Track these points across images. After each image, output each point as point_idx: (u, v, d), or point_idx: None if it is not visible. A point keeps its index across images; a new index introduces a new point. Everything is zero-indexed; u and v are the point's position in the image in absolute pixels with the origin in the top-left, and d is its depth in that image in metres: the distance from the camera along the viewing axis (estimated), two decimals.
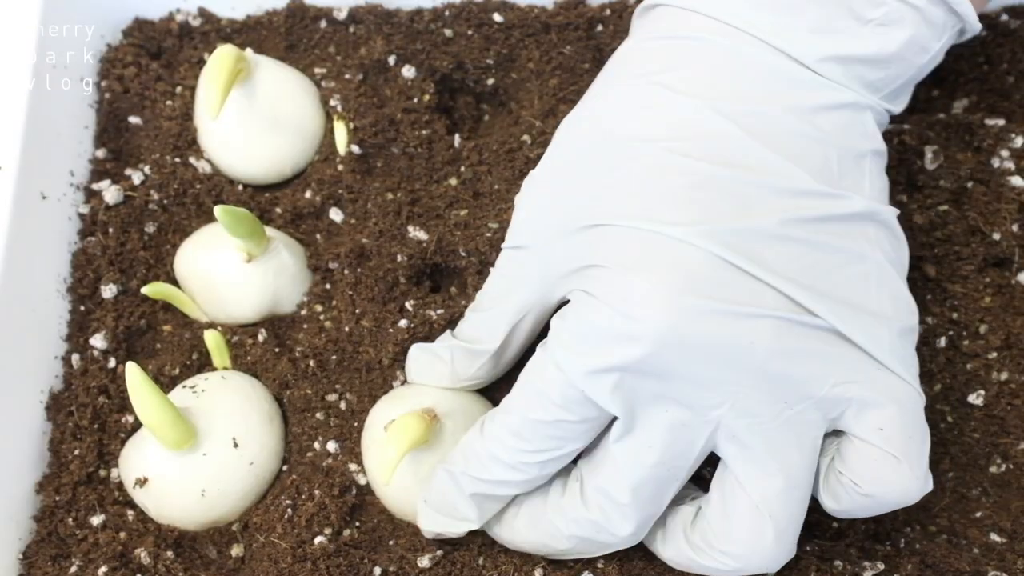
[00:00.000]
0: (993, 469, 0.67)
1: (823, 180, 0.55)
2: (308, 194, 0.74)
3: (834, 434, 0.56)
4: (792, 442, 0.54)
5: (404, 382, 0.66)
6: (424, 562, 0.60)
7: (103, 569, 0.61)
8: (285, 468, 0.65)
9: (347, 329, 0.68)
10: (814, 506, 0.63)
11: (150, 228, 0.73)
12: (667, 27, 0.60)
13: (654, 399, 0.53)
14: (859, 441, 0.54)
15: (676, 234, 0.52)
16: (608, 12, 0.78)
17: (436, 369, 0.64)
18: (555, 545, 0.57)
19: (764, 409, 0.53)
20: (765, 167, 0.55)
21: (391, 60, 0.77)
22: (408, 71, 0.76)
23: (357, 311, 0.68)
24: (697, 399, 0.53)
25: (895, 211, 0.58)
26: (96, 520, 0.64)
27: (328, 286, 0.70)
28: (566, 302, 0.57)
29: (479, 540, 0.62)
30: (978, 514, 0.65)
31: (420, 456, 0.61)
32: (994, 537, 0.63)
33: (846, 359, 0.53)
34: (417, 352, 0.65)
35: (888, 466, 0.53)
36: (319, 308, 0.70)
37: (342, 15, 0.79)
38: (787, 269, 0.53)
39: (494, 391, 0.66)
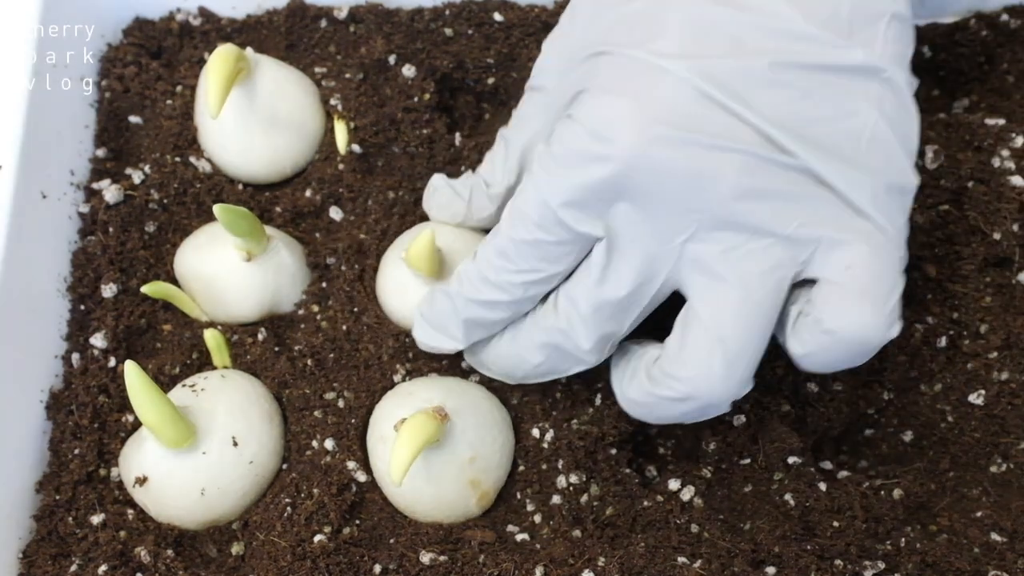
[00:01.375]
0: (993, 469, 0.67)
1: (829, 30, 0.55)
2: (308, 193, 0.74)
3: (806, 284, 0.56)
4: (753, 272, 0.54)
5: (404, 376, 0.66)
6: (425, 559, 0.60)
7: (103, 568, 0.61)
8: (285, 467, 0.65)
9: (344, 327, 0.68)
10: (812, 504, 0.63)
11: (150, 227, 0.73)
12: None
13: (623, 225, 0.55)
14: (825, 281, 0.54)
15: (663, 64, 0.53)
16: None
17: (453, 206, 0.68)
18: (528, 358, 0.61)
19: (728, 240, 0.54)
20: (763, 8, 0.55)
21: (391, 59, 0.77)
22: (408, 70, 0.76)
23: (356, 309, 0.68)
24: (665, 226, 0.54)
25: (911, 80, 0.57)
26: (96, 519, 0.63)
27: (324, 284, 0.70)
28: None
29: (479, 538, 0.62)
30: (978, 514, 0.65)
31: (430, 455, 0.61)
32: (994, 537, 0.63)
33: (820, 202, 0.54)
34: (440, 183, 0.69)
35: (849, 301, 0.53)
36: (315, 308, 0.70)
37: (342, 14, 0.79)
38: (770, 110, 0.53)
39: (502, 390, 0.66)
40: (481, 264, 0.59)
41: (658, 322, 0.60)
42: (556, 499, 0.63)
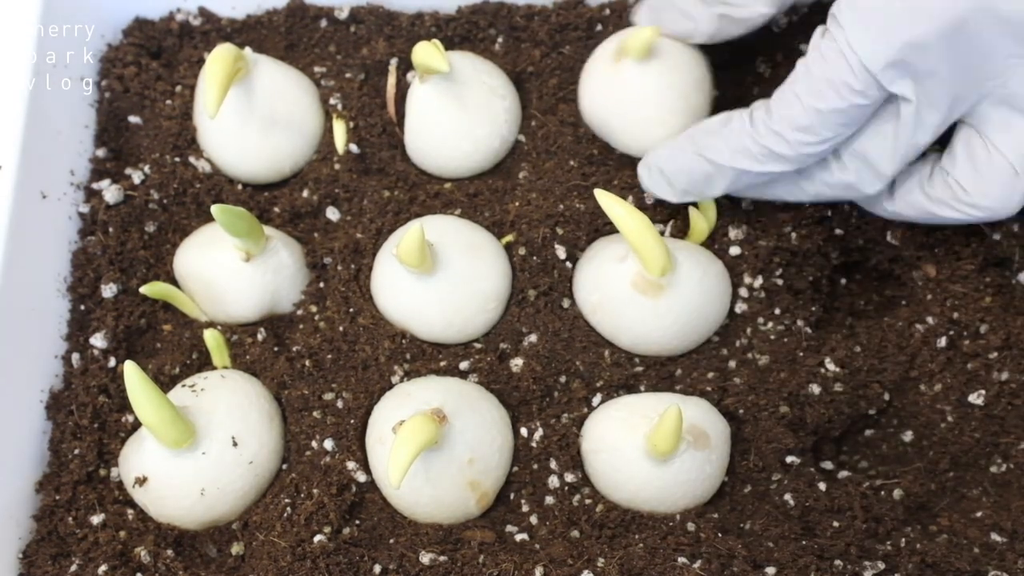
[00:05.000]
0: (993, 469, 0.67)
1: None
2: (305, 193, 0.74)
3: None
4: None
5: (402, 377, 0.66)
6: (425, 560, 0.60)
7: (103, 568, 0.61)
8: (284, 467, 0.65)
9: (341, 328, 0.68)
10: (812, 505, 0.63)
11: (150, 228, 0.73)
12: None
13: (932, 75, 0.55)
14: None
15: None
16: (608, 12, 0.78)
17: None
18: (798, 197, 0.64)
19: None
20: None
21: (393, 62, 0.77)
22: (410, 74, 0.76)
23: (351, 309, 0.68)
24: (980, 72, 0.56)
25: None
26: (96, 519, 0.64)
27: (322, 284, 0.70)
28: None
29: (479, 539, 0.62)
30: (978, 514, 0.65)
31: (429, 456, 0.61)
32: (994, 537, 0.63)
33: None
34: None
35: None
36: (314, 308, 0.70)
37: (343, 14, 0.79)
38: None
39: (500, 391, 0.66)
40: (769, 140, 0.59)
41: None
42: (549, 499, 0.63)
